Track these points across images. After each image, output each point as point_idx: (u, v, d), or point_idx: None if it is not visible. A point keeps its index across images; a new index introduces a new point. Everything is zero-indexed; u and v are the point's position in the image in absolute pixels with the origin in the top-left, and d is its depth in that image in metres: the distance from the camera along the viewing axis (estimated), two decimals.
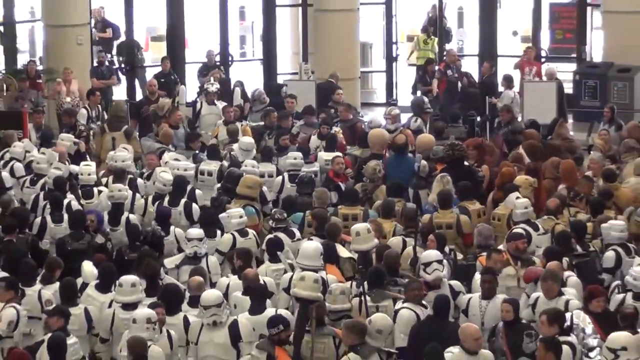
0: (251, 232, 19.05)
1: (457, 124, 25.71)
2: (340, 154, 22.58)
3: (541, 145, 22.72)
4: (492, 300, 15.72)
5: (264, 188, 20.88)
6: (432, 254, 16.76)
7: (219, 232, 18.81)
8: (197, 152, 23.51)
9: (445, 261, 16.74)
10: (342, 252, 17.76)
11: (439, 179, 20.90)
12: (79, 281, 16.72)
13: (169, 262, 18.04)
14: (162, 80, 28.49)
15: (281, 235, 18.40)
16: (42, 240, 19.11)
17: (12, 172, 21.84)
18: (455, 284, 16.49)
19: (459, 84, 28.87)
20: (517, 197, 19.28)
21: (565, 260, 17.17)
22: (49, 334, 14.63)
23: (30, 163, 22.14)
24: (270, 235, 18.49)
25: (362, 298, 16.20)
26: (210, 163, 22.26)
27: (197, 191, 21.03)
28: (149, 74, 30.04)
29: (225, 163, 22.32)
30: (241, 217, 18.88)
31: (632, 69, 28.92)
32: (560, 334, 14.47)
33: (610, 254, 17.55)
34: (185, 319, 15.39)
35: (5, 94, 26.91)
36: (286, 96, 27.00)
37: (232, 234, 18.61)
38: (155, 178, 20.76)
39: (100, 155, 23.34)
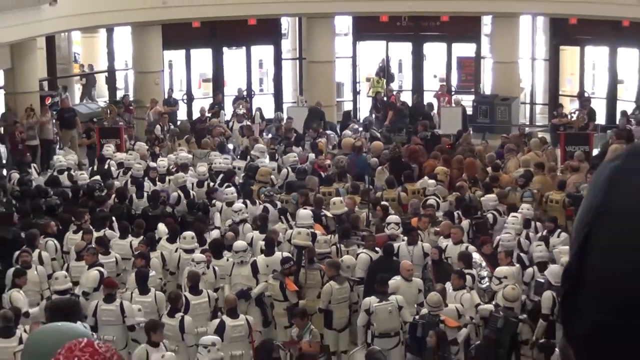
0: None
1: (400, 134, 25.72)
2: (322, 155, 22.61)
3: (450, 148, 22.83)
4: (416, 246, 15.73)
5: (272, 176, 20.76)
6: (393, 218, 16.85)
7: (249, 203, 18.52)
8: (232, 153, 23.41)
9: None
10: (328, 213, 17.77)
11: (381, 170, 21.14)
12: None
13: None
14: (216, 106, 28.61)
15: (268, 205, 18.28)
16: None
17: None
18: None
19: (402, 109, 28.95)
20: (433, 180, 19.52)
21: (467, 220, 17.25)
22: (136, 269, 14.79)
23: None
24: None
25: (337, 245, 16.38)
26: (240, 161, 22.19)
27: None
28: (200, 104, 29.89)
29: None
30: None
31: (510, 98, 28.86)
32: (466, 268, 14.65)
33: (489, 215, 17.61)
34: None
35: (109, 116, 26.80)
36: (288, 118, 27.00)
37: (263, 206, 18.32)
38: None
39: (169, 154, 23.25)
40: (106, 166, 21.74)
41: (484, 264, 15.24)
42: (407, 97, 31.51)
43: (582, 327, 1.46)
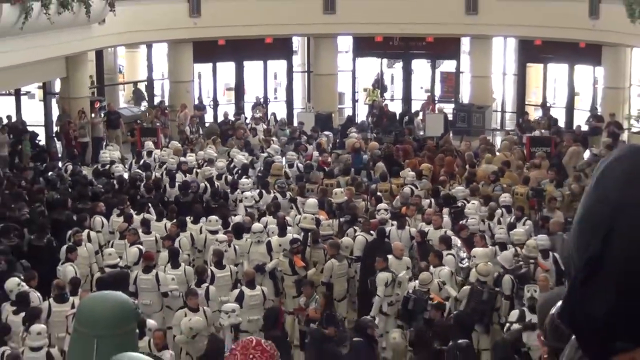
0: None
1: (389, 136, 25.65)
2: (325, 153, 22.59)
3: (435, 149, 22.75)
4: (404, 230, 15.70)
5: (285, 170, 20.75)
6: (382, 205, 16.89)
7: (264, 193, 18.45)
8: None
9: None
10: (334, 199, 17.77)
11: (377, 167, 20.97)
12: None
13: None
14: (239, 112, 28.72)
15: (278, 194, 18.26)
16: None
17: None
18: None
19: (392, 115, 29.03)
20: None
21: (447, 209, 17.19)
22: (168, 247, 14.82)
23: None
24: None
25: (339, 229, 16.34)
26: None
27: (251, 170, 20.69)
28: (224, 109, 29.85)
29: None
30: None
31: (484, 107, 28.82)
32: (446, 249, 14.61)
33: (460, 203, 17.56)
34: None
35: (148, 118, 26.79)
36: (299, 122, 26.98)
37: (274, 195, 18.31)
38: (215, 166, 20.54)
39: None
40: (145, 160, 21.71)
41: (461, 245, 15.23)
42: (397, 105, 31.57)
43: (602, 307, 1.42)
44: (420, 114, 29.03)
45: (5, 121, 25.57)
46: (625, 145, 1.55)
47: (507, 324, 12.52)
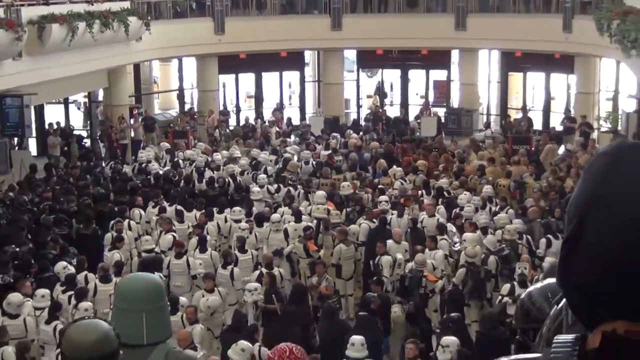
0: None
1: (389, 137, 25.58)
2: (335, 152, 22.43)
3: (430, 147, 22.68)
4: (402, 218, 15.65)
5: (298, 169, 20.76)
6: (382, 197, 16.90)
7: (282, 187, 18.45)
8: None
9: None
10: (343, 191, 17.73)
11: (379, 163, 20.88)
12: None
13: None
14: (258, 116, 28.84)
15: (292, 188, 18.20)
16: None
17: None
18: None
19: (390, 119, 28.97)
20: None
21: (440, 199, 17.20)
22: (196, 235, 14.85)
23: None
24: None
25: (346, 217, 16.30)
26: (272, 156, 21.97)
27: (269, 168, 20.62)
28: (245, 114, 29.89)
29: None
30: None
31: (472, 110, 28.74)
32: (440, 235, 14.59)
33: (446, 194, 17.58)
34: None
35: (179, 122, 26.75)
36: (307, 125, 26.97)
37: (287, 188, 18.21)
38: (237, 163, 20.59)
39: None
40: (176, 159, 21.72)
41: (454, 229, 15.23)
42: (396, 110, 31.50)
43: (579, 280, 1.45)
44: (420, 118, 28.94)
45: (55, 126, 25.68)
46: (613, 143, 1.55)
47: (499, 297, 12.54)
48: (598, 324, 1.42)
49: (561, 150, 22.77)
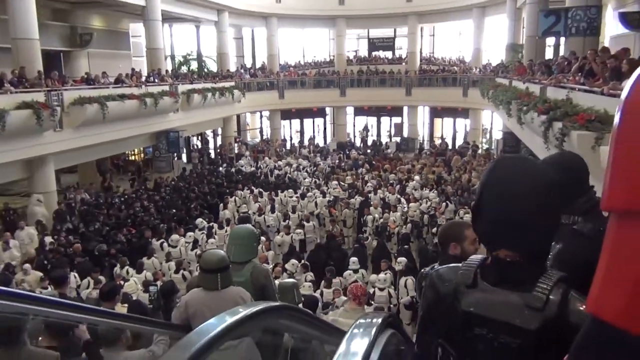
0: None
1: (371, 153, 25.17)
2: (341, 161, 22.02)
3: (392, 158, 22.13)
4: (376, 195, 15.08)
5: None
6: (369, 184, 16.39)
7: (314, 179, 17.78)
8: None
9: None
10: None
11: (365, 167, 20.24)
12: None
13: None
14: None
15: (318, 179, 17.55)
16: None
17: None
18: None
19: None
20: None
21: (398, 185, 16.54)
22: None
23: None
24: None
25: (348, 195, 15.67)
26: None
27: (307, 169, 20.12)
28: (294, 140, 29.68)
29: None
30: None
31: (414, 139, 28.03)
32: (398, 204, 14.19)
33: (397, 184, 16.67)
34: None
35: (259, 144, 26.27)
36: (322, 148, 26.62)
37: (316, 180, 17.64)
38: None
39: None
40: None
41: (404, 201, 14.45)
42: (374, 138, 30.98)
43: (478, 230, 1.43)
44: (387, 143, 28.62)
45: (195, 147, 25.68)
46: (501, 156, 1.56)
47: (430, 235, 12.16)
48: (492, 251, 1.41)
49: (462, 160, 22.45)
